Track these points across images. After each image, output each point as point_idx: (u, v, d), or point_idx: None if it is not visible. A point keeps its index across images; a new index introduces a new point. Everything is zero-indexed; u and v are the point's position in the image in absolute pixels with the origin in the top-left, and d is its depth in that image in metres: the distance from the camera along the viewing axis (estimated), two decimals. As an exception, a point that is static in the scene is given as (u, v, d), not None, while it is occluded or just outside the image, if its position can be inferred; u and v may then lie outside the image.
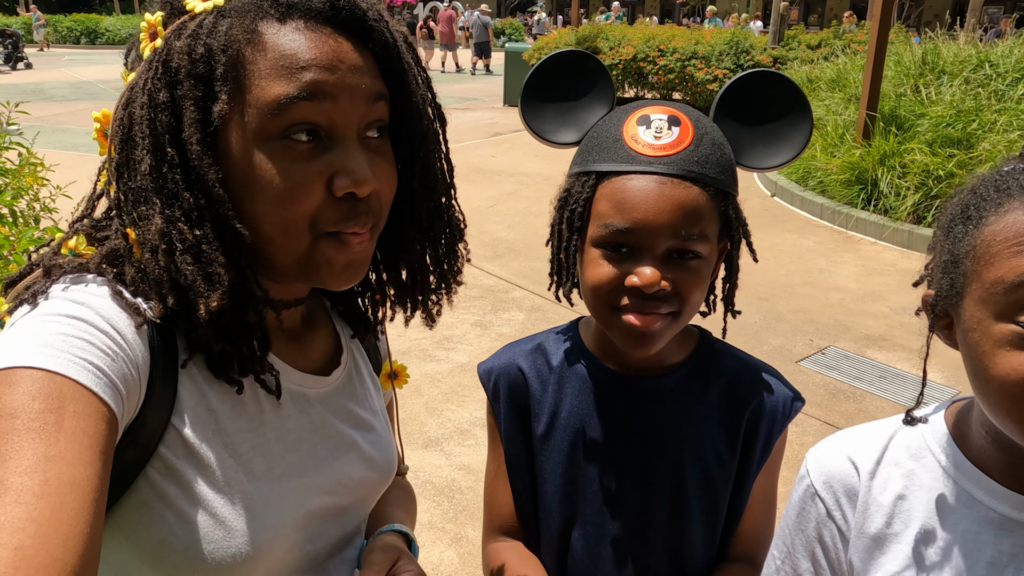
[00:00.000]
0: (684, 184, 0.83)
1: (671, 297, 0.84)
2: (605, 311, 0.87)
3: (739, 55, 11.38)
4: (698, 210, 0.83)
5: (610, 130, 0.88)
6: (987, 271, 0.66)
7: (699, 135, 0.86)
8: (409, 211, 0.77)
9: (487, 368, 1.04)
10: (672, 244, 0.83)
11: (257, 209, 0.64)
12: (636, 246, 0.83)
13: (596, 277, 0.85)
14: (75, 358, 0.56)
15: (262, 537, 0.68)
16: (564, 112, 0.94)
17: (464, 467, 2.91)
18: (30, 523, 0.48)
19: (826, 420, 3.33)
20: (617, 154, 0.85)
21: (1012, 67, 6.76)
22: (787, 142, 0.91)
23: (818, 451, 0.86)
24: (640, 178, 0.83)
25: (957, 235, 0.71)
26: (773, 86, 0.91)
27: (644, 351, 0.88)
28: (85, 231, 0.71)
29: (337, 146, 0.65)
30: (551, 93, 0.95)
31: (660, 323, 0.85)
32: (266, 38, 0.63)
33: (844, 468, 0.82)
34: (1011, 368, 0.63)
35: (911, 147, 6.03)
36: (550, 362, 1.00)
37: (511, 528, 1.03)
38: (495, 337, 4.10)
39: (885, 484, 0.80)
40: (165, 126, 0.62)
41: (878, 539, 0.78)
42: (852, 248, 5.71)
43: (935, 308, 0.75)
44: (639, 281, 0.82)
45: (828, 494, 0.83)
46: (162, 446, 0.65)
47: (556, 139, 0.95)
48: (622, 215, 0.82)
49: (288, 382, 0.76)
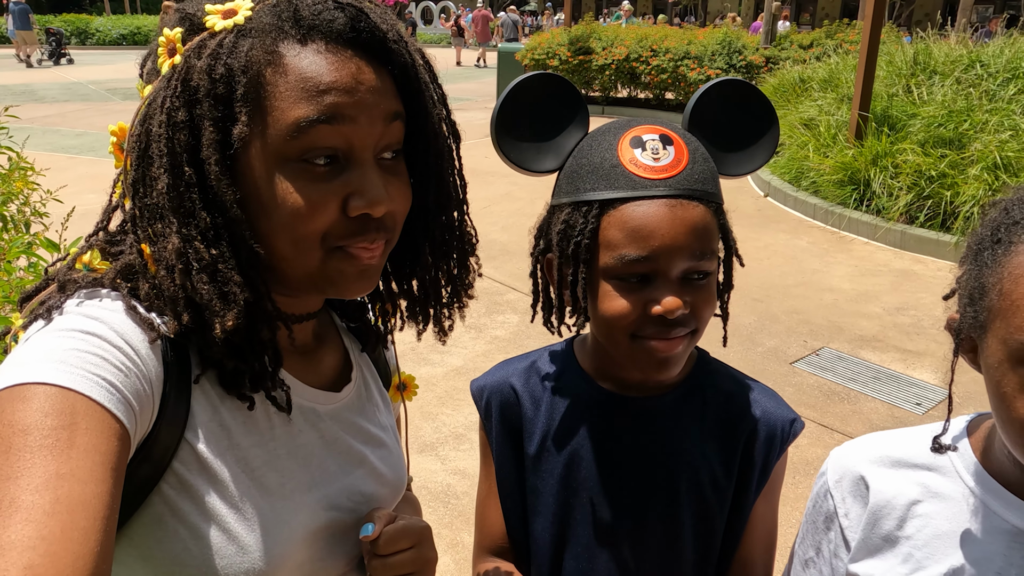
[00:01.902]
0: (692, 204, 0.81)
1: (688, 318, 0.83)
2: (625, 341, 0.84)
3: (731, 55, 11.41)
4: (708, 228, 0.82)
5: (603, 155, 0.85)
6: (1012, 315, 0.66)
7: (692, 151, 0.84)
8: (423, 227, 0.77)
9: (480, 386, 1.03)
10: (688, 266, 0.81)
11: (272, 228, 0.65)
12: (653, 273, 0.81)
13: (615, 309, 0.83)
14: (88, 374, 0.56)
15: (275, 553, 0.68)
16: (540, 138, 0.90)
17: (459, 472, 2.91)
18: (40, 542, 0.47)
19: (820, 422, 3.34)
20: (619, 181, 0.82)
21: (1003, 67, 6.80)
22: (758, 147, 0.91)
23: (840, 451, 0.88)
24: (650, 203, 0.80)
25: (985, 260, 0.71)
26: (737, 94, 0.90)
27: (668, 374, 0.86)
28: (100, 245, 0.71)
29: (354, 167, 0.66)
30: (524, 121, 0.90)
31: (682, 345, 0.84)
32: (287, 60, 0.62)
33: (857, 470, 0.84)
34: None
35: (903, 147, 6.06)
36: (544, 381, 0.99)
37: (502, 548, 1.02)
38: (489, 340, 4.09)
39: (900, 489, 0.80)
40: (183, 145, 0.62)
41: (888, 539, 0.80)
42: (845, 248, 5.73)
43: (960, 334, 0.74)
44: (664, 309, 0.80)
45: (838, 492, 0.85)
46: (176, 461, 0.65)
47: (536, 167, 0.90)
48: (638, 244, 0.80)
49: (299, 398, 0.76)
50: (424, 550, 0.80)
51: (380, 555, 0.76)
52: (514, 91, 0.89)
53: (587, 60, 12.18)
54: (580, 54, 12.23)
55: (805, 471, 2.96)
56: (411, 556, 0.78)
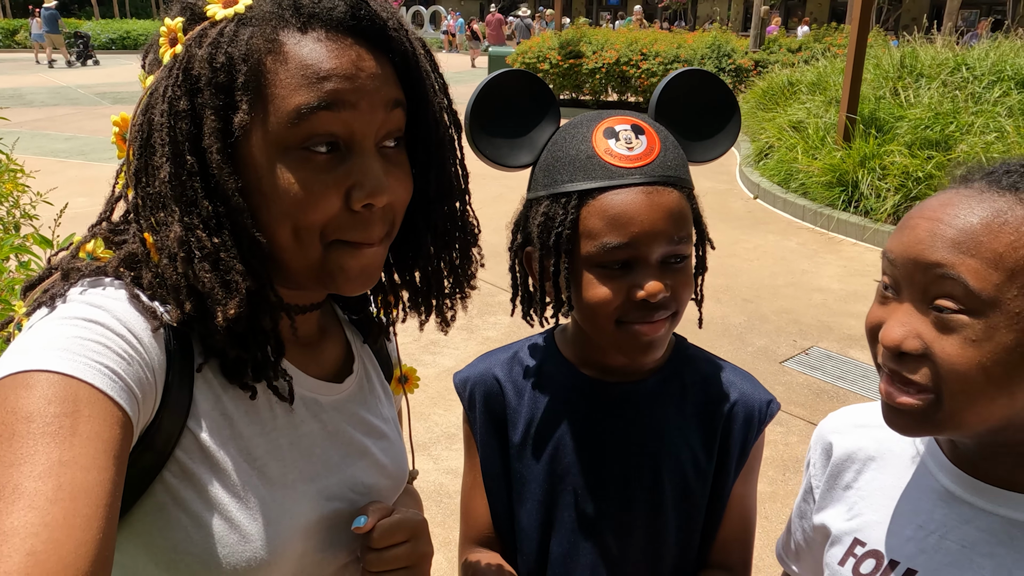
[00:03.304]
0: (667, 190, 0.84)
1: (669, 301, 0.85)
2: (611, 327, 0.86)
3: (720, 58, 11.47)
4: (683, 213, 0.85)
5: (578, 147, 0.87)
6: None
7: (663, 139, 0.87)
8: (424, 217, 0.77)
9: (463, 377, 1.04)
10: (666, 251, 0.84)
11: (273, 217, 0.65)
12: (634, 259, 0.84)
13: (599, 297, 0.85)
14: (91, 362, 0.56)
15: (277, 542, 0.69)
16: (514, 135, 0.92)
17: (452, 471, 2.91)
18: (43, 528, 0.48)
19: (810, 420, 3.36)
20: (596, 171, 0.84)
21: (988, 70, 6.87)
22: (722, 134, 0.94)
23: (822, 420, 0.95)
24: (627, 192, 0.83)
25: None
26: (700, 83, 0.93)
27: (653, 356, 0.88)
28: (103, 234, 0.71)
29: (355, 156, 0.66)
30: (496, 118, 0.91)
31: (664, 328, 0.87)
32: (287, 48, 0.62)
33: (827, 433, 0.92)
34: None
35: (890, 149, 6.11)
36: (526, 371, 1.00)
37: (488, 539, 1.02)
38: (481, 341, 4.10)
39: (860, 445, 0.87)
40: (185, 134, 0.62)
41: (844, 489, 0.87)
42: (834, 249, 5.77)
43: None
44: (647, 293, 0.83)
45: (813, 455, 0.93)
46: (178, 450, 0.65)
47: (512, 163, 0.92)
48: (618, 231, 0.82)
49: (301, 388, 0.76)
50: (420, 544, 0.80)
51: (375, 548, 0.76)
52: (485, 89, 0.90)
53: (577, 64, 12.21)
54: (570, 58, 12.27)
55: (796, 468, 2.98)
56: (406, 550, 0.78)
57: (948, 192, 0.69)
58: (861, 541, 0.81)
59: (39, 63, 21.28)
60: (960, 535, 0.74)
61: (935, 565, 0.75)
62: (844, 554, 0.82)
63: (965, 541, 0.74)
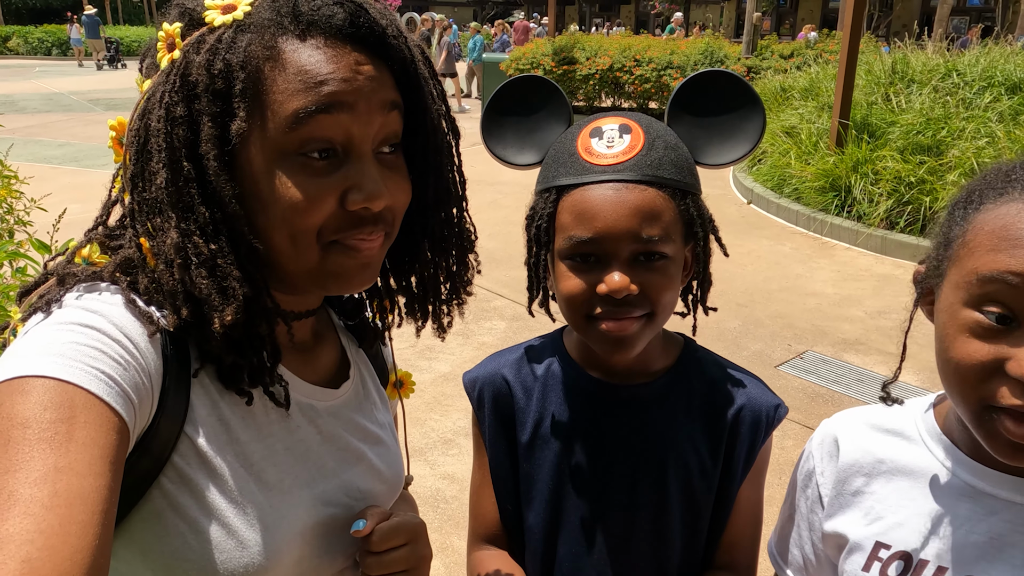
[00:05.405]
0: (639, 188, 0.84)
1: (642, 300, 0.85)
2: (581, 321, 0.88)
3: (713, 64, 11.53)
4: (656, 211, 0.84)
5: (566, 146, 0.90)
6: (967, 259, 0.69)
7: (651, 139, 0.87)
8: (422, 223, 0.77)
9: (472, 377, 1.04)
10: (635, 248, 0.84)
11: (270, 222, 0.65)
12: (602, 254, 0.85)
13: (568, 289, 0.87)
14: (87, 367, 0.56)
15: (274, 548, 0.68)
16: (523, 135, 0.96)
17: (448, 476, 2.90)
18: (38, 535, 0.47)
19: (806, 424, 3.37)
20: (573, 168, 0.87)
21: (979, 76, 6.92)
22: (742, 136, 0.93)
23: (826, 419, 0.94)
24: (597, 187, 0.85)
25: (956, 218, 0.74)
26: (723, 85, 0.92)
27: (624, 356, 0.89)
28: (99, 239, 0.70)
29: (352, 161, 0.66)
30: (510, 119, 0.97)
31: (635, 326, 0.86)
32: (286, 55, 0.62)
33: (834, 433, 0.90)
34: (966, 354, 0.67)
35: (883, 154, 6.14)
36: (535, 371, 1.01)
37: (496, 536, 1.03)
38: (477, 346, 4.10)
39: (868, 449, 0.85)
40: (182, 140, 0.62)
41: (855, 495, 0.85)
42: (827, 254, 5.79)
43: (922, 284, 0.78)
44: (608, 288, 0.83)
45: (818, 453, 0.91)
46: (175, 455, 0.64)
47: (518, 161, 0.97)
48: (583, 226, 0.84)
49: (297, 394, 0.76)
50: (418, 547, 0.80)
51: (374, 552, 0.76)
52: (500, 93, 0.96)
53: (571, 70, 12.26)
54: (564, 64, 12.31)
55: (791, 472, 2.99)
56: (405, 553, 0.78)
57: None
58: (885, 544, 0.80)
59: (82, 66, 23.26)
60: (987, 527, 0.74)
61: (965, 559, 0.74)
62: (867, 560, 0.81)
63: (993, 532, 0.74)
